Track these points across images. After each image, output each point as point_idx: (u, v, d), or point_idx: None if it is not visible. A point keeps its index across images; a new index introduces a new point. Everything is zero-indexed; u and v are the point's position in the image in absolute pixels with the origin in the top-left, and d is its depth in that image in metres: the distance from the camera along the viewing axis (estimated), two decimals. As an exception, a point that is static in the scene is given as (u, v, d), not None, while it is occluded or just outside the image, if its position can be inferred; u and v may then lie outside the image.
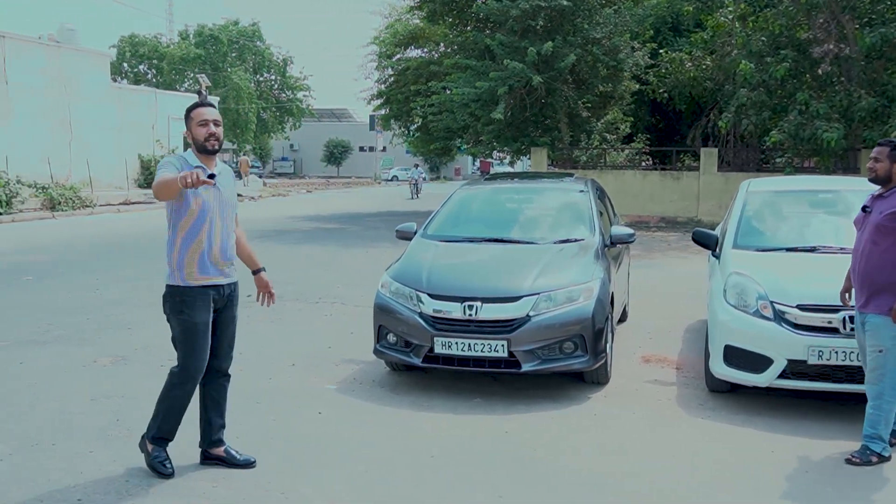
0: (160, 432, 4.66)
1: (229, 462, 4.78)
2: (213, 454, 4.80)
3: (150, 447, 4.67)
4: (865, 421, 4.89)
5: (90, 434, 5.30)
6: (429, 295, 6.23)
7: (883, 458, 4.83)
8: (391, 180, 65.56)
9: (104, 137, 32.57)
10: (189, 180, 4.00)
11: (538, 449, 5.14)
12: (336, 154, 75.69)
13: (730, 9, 21.04)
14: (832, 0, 16.91)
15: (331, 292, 10.99)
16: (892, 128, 15.83)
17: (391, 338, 6.41)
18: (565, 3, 20.66)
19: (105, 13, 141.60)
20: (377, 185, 58.21)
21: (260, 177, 51.97)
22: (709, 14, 22.50)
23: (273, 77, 66.92)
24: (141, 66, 63.40)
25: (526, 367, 6.01)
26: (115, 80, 42.08)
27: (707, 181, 21.31)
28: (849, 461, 4.84)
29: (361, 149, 76.39)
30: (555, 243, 7.03)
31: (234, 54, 63.35)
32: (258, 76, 65.35)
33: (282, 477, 4.66)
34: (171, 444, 4.72)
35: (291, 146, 78.80)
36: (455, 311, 6.09)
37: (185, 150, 4.70)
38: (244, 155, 54.72)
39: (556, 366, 6.07)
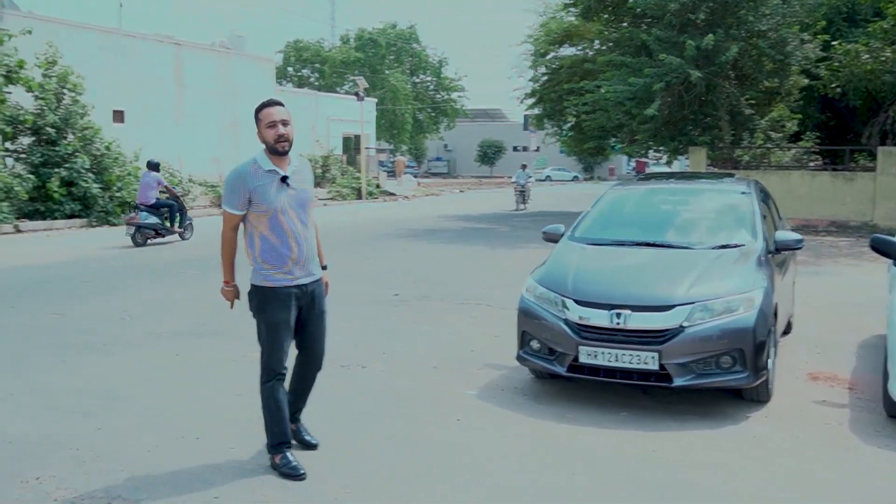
0: (274, 439, 4.69)
1: (297, 436, 4.97)
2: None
3: (275, 459, 4.67)
4: None
5: (233, 430, 5.37)
6: (574, 301, 5.94)
7: None
8: (544, 180, 65.09)
9: (268, 139, 33.98)
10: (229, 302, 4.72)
11: (688, 471, 4.75)
12: (489, 154, 76.01)
13: (915, -5, 19.35)
14: None
15: (477, 293, 10.86)
16: None
17: (535, 344, 6.17)
18: (729, -7, 19.67)
19: (272, 20, 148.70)
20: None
21: (415, 176, 52.88)
22: (889, 1, 20.76)
23: (429, 78, 68.04)
24: (304, 70, 66.03)
25: (678, 382, 5.61)
26: (279, 84, 44.01)
27: (885, 182, 19.70)
28: None
29: (515, 149, 76.32)
30: (712, 249, 6.54)
31: (391, 57, 64.89)
32: (414, 77, 66.62)
33: (415, 485, 4.52)
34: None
35: (445, 146, 79.78)
36: (602, 318, 5.77)
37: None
38: (400, 155, 55.90)
39: (712, 381, 5.64)
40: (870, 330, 8.47)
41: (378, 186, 37.75)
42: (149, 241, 16.46)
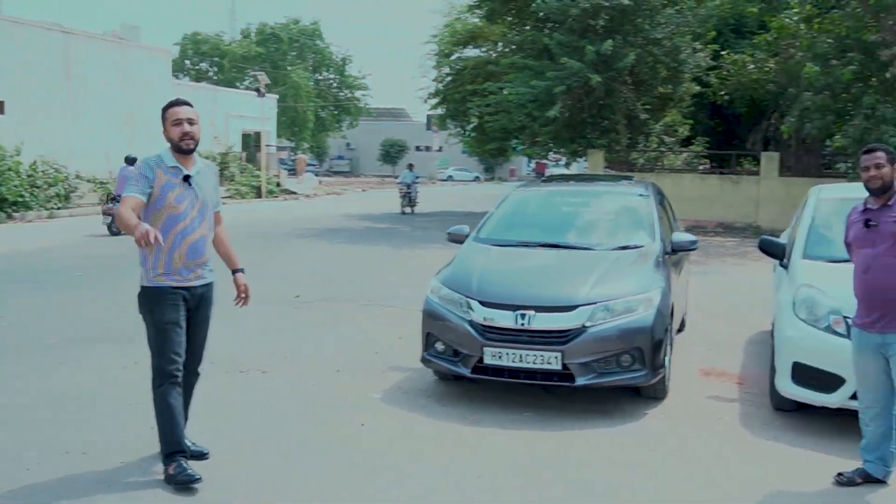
0: (168, 448, 4.53)
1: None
2: None
3: (169, 469, 4.49)
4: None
5: (124, 442, 5.13)
6: (479, 302, 6.00)
7: None
8: (446, 180, 65.45)
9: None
10: (143, 243, 4.08)
11: (591, 469, 4.87)
12: (392, 153, 75.87)
13: (795, 10, 20.36)
14: (904, 1, 16.18)
15: (382, 294, 10.83)
16: (964, 135, 15.10)
17: (439, 346, 6.19)
18: (626, 2, 20.23)
19: (169, 11, 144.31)
20: (432, 184, 58.06)
21: (316, 175, 52.28)
22: (773, 16, 21.82)
23: (332, 76, 67.36)
24: (203, 64, 64.37)
25: (580, 381, 5.74)
26: (176, 78, 42.75)
27: (768, 186, 20.70)
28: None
29: (418, 148, 76.41)
30: (613, 250, 6.72)
31: (294, 53, 63.93)
32: (317, 75, 65.81)
33: (320, 492, 4.48)
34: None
35: (348, 145, 79.23)
36: (507, 319, 5.84)
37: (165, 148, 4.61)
38: (301, 153, 55.16)
39: (613, 380, 5.79)
40: (757, 326, 8.88)
41: (278, 185, 37.16)
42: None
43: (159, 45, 41.82)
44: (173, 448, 4.52)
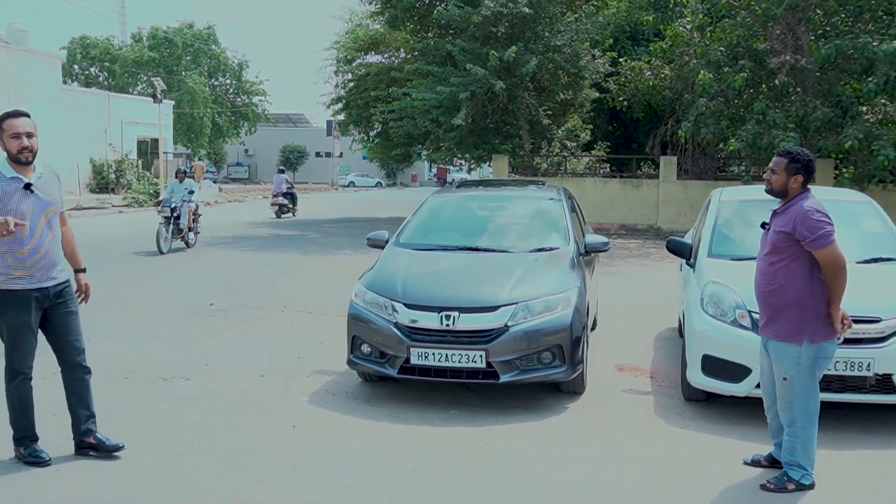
0: (18, 433, 4.86)
1: (99, 448, 4.97)
2: (85, 443, 4.97)
3: (20, 450, 4.85)
4: (783, 447, 4.71)
5: None
6: (404, 304, 6.12)
7: (802, 486, 4.58)
8: (348, 186, 65.22)
9: (55, 141, 31.62)
10: (3, 232, 4.41)
11: (520, 461, 5.06)
12: (292, 159, 74.96)
13: (688, 19, 21.30)
14: (788, 12, 17.16)
15: (295, 300, 10.79)
16: (845, 138, 16.10)
17: (365, 348, 6.29)
18: (527, 10, 20.69)
19: (54, 13, 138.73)
20: (334, 190, 57.81)
21: (214, 182, 51.22)
22: (667, 24, 22.76)
23: (228, 81, 66.05)
24: (92, 69, 62.17)
25: (504, 378, 5.93)
26: (65, 83, 41.15)
27: (667, 189, 21.51)
28: (764, 487, 4.63)
29: (318, 154, 75.85)
30: (530, 252, 6.96)
31: (188, 58, 62.38)
32: (213, 80, 64.40)
33: (261, 495, 4.51)
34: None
35: (246, 151, 77.83)
36: (432, 320, 5.98)
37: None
38: (199, 160, 53.93)
39: (535, 376, 6.01)
40: (663, 324, 9.29)
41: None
42: None
43: (45, 48, 40.07)
44: (22, 433, 4.87)
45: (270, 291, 11.57)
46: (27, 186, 4.70)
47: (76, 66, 60.83)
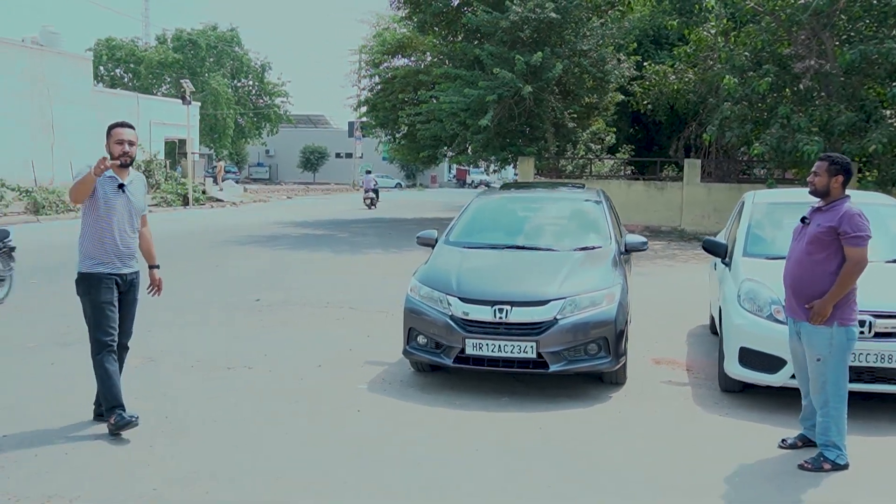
0: (108, 403, 5.38)
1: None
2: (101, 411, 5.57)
3: (111, 420, 5.34)
4: (817, 429, 5.09)
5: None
6: (459, 298, 6.54)
7: (838, 466, 4.95)
8: (367, 186, 65.61)
9: (86, 141, 32.28)
10: (100, 167, 5.08)
11: (573, 444, 5.45)
12: (312, 160, 75.64)
13: (712, 24, 21.60)
14: (813, 17, 17.45)
15: (336, 297, 11.21)
16: (869, 142, 16.36)
17: (421, 339, 6.70)
18: (553, 15, 21.09)
19: (79, 15, 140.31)
20: (356, 191, 58.30)
21: (237, 182, 51.85)
22: (691, 29, 23.06)
23: (251, 83, 66.83)
24: (117, 70, 63.07)
25: (553, 368, 6.33)
26: (94, 85, 41.88)
27: (691, 192, 21.82)
28: (801, 467, 5.00)
29: (338, 155, 76.42)
30: (574, 251, 7.36)
31: (212, 59, 63.19)
32: (236, 81, 65.21)
33: (342, 473, 4.92)
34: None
35: (267, 152, 78.60)
36: (485, 314, 6.39)
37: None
38: (220, 160, 54.59)
39: (582, 366, 6.40)
40: (694, 321, 9.66)
41: (204, 192, 36.86)
42: None
43: (73, 50, 40.79)
44: (112, 403, 5.36)
45: (309, 289, 12.00)
46: (120, 186, 5.50)
47: (101, 68, 61.69)
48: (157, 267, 5.96)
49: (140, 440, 5.31)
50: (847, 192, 5.28)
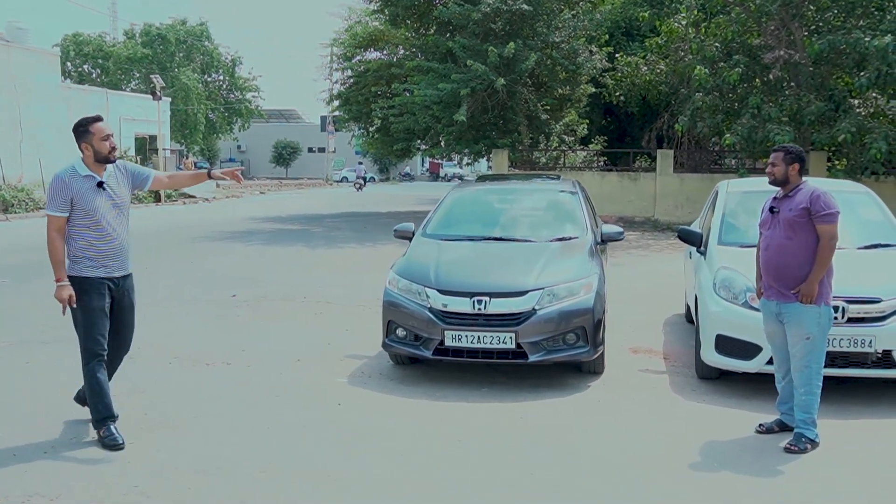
0: (98, 414, 5.17)
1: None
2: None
3: (100, 433, 5.16)
4: (797, 408, 5.23)
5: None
6: (437, 291, 6.55)
7: (815, 444, 5.16)
8: (341, 181, 65.46)
9: (56, 138, 31.89)
10: (63, 305, 5.05)
11: (554, 433, 5.50)
12: (285, 155, 75.19)
13: (683, 15, 21.75)
14: (782, 8, 17.64)
15: (313, 292, 11.19)
16: (838, 131, 16.56)
17: (400, 332, 6.71)
18: (525, 7, 21.12)
19: (46, 10, 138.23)
20: (329, 185, 58.11)
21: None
22: (662, 20, 23.20)
23: (221, 77, 66.16)
24: (85, 66, 62.21)
25: (533, 358, 6.37)
26: (62, 80, 41.29)
27: (663, 182, 21.99)
28: (788, 450, 5.13)
29: (311, 150, 76.06)
30: (551, 241, 7.40)
31: (181, 54, 62.45)
32: (206, 76, 64.52)
33: (325, 466, 4.92)
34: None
35: (239, 147, 78.06)
36: (464, 305, 6.42)
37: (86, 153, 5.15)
38: (187, 157, 54.09)
39: (560, 356, 6.45)
40: (669, 310, 9.76)
41: (176, 189, 36.55)
42: None
43: (39, 46, 40.18)
44: (103, 414, 5.17)
45: (286, 284, 11.95)
46: (100, 184, 5.13)
47: (69, 64, 60.79)
48: (211, 169, 5.76)
49: (120, 437, 5.28)
50: (812, 178, 5.48)
